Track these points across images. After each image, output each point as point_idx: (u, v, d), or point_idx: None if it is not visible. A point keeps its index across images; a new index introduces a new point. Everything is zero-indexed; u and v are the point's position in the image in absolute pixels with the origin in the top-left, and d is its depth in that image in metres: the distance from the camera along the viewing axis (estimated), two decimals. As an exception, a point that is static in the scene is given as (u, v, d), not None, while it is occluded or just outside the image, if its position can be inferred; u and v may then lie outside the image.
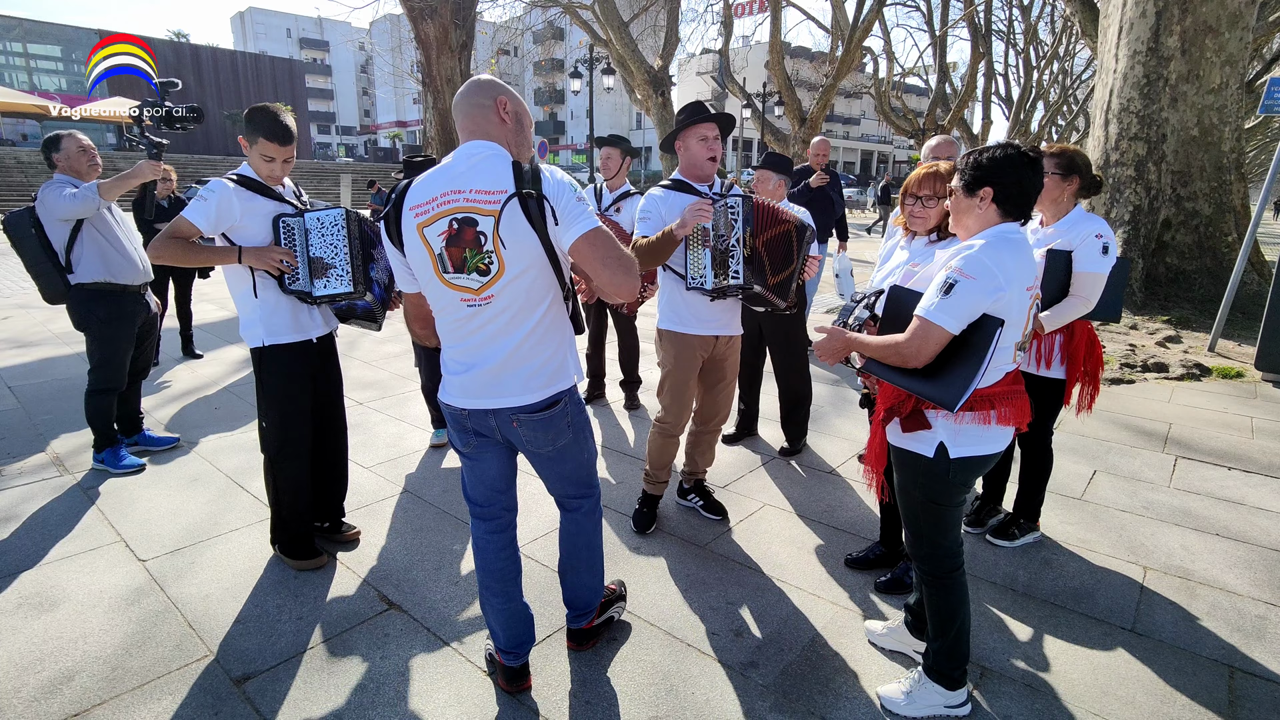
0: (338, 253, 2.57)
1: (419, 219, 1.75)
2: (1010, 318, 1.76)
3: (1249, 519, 3.18)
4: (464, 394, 1.88)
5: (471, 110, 1.81)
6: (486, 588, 2.05)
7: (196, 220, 2.41)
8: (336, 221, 2.57)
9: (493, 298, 1.76)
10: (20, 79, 45.55)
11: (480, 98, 1.81)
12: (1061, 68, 32.20)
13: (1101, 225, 2.60)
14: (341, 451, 2.97)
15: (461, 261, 1.74)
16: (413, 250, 1.79)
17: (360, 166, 38.65)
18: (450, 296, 1.79)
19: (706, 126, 2.73)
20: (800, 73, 39.42)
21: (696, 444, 3.17)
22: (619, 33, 17.00)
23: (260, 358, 2.60)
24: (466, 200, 1.71)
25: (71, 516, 3.14)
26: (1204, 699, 2.06)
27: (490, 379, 1.84)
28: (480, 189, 1.71)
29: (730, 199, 2.60)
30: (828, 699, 2.06)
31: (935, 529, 1.95)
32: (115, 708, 2.00)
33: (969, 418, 1.84)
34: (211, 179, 2.50)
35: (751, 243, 2.61)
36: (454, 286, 1.77)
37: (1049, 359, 2.72)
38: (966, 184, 1.84)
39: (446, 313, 1.84)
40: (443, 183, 1.75)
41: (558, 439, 1.94)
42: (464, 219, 1.71)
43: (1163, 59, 7.30)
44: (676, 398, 2.94)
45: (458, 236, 1.72)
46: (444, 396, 1.94)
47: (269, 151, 2.51)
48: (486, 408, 1.87)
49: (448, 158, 1.80)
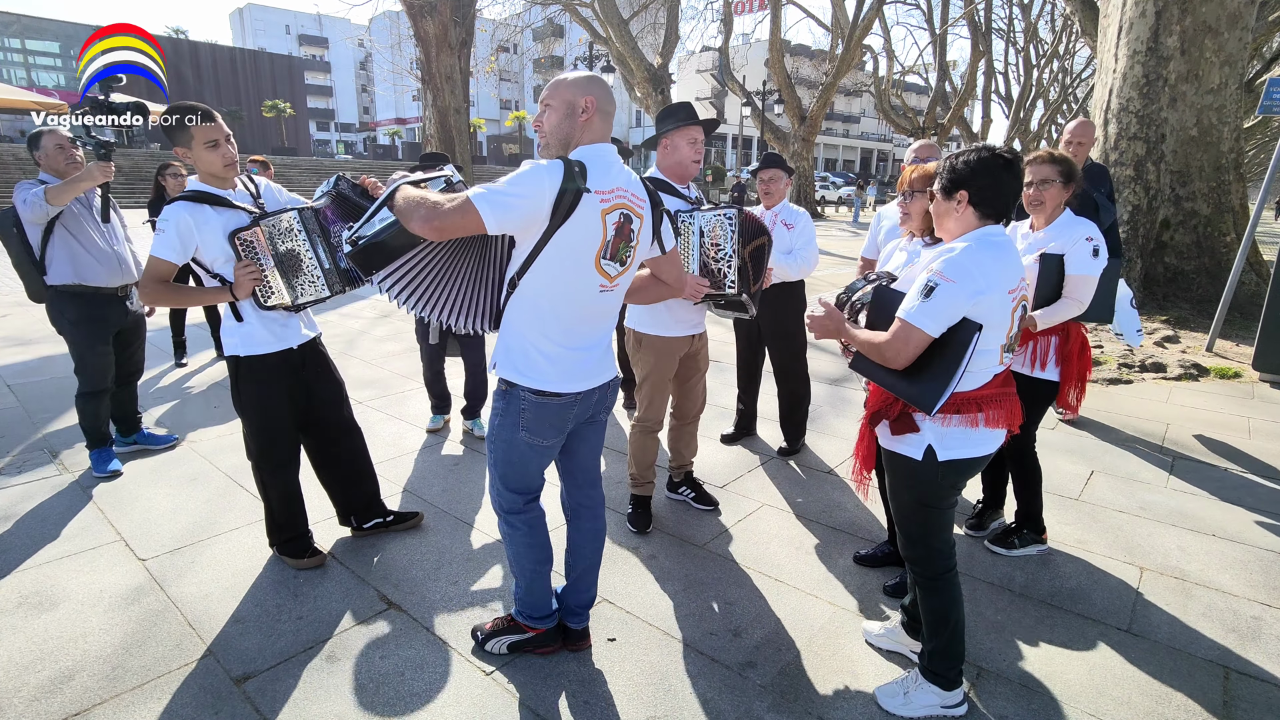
0: (304, 256, 2.47)
1: (604, 204, 1.83)
2: (991, 321, 1.77)
3: (1245, 520, 3.19)
4: (587, 376, 1.97)
5: (606, 117, 1.91)
6: (544, 561, 2.17)
7: (165, 255, 2.34)
8: (292, 226, 2.45)
9: (617, 286, 1.96)
10: (18, 75, 45.45)
11: (611, 105, 1.91)
12: (1062, 66, 32.19)
13: (1092, 228, 2.63)
14: (358, 452, 2.94)
15: (616, 251, 1.90)
16: (583, 230, 1.81)
17: (360, 164, 38.57)
18: (592, 280, 1.88)
19: (697, 129, 2.78)
20: (800, 71, 39.39)
21: (678, 438, 3.27)
22: (619, 30, 16.98)
23: (235, 367, 2.55)
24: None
25: (71, 515, 3.14)
26: (1199, 699, 2.07)
27: (601, 357, 2.01)
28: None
29: (729, 210, 2.64)
30: (825, 699, 2.08)
31: (926, 531, 1.96)
32: (115, 707, 2.01)
33: (956, 420, 1.85)
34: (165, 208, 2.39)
35: (742, 253, 2.66)
36: (601, 271, 1.89)
37: (1044, 360, 2.73)
38: (944, 188, 1.87)
39: (574, 299, 1.89)
40: (613, 176, 1.87)
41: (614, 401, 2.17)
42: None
43: (1162, 59, 7.30)
44: (657, 396, 3.02)
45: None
46: (557, 386, 1.92)
47: (210, 135, 2.38)
48: (599, 384, 2.02)
49: (597, 150, 1.87)
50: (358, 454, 2.94)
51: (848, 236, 18.99)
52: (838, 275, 11.23)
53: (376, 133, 69.91)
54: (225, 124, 2.48)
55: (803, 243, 3.66)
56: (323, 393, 2.77)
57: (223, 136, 2.43)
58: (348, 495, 2.94)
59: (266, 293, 2.46)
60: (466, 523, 3.13)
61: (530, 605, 2.18)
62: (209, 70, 52.02)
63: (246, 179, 2.63)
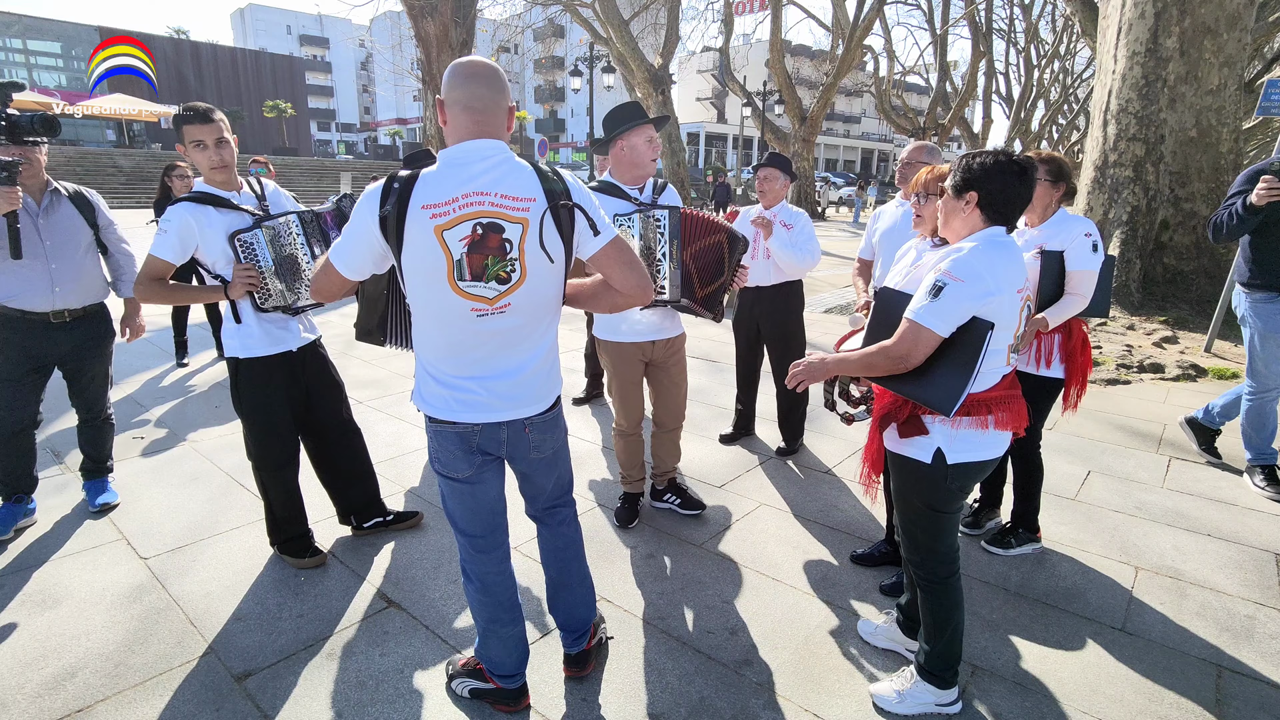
0: (303, 260, 2.50)
1: (436, 220, 1.58)
2: (1001, 320, 1.78)
3: (1240, 520, 3.20)
4: (474, 409, 1.74)
5: (490, 106, 1.66)
6: (496, 620, 1.95)
7: (163, 255, 2.36)
8: (292, 230, 2.48)
9: (508, 307, 1.67)
10: (20, 75, 45.54)
11: (504, 99, 1.68)
12: (1063, 66, 32.17)
13: (1089, 225, 2.66)
14: (360, 451, 2.96)
15: (482, 269, 1.62)
16: (421, 253, 1.60)
17: (361, 164, 38.63)
18: (458, 306, 1.65)
19: (650, 127, 2.77)
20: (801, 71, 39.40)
21: (658, 445, 3.21)
22: (619, 30, 16.99)
23: (235, 369, 2.57)
24: (492, 204, 1.60)
25: (73, 514, 3.16)
26: (1192, 697, 2.09)
27: (507, 390, 1.75)
28: (507, 194, 1.62)
29: (658, 211, 2.61)
30: (821, 697, 2.09)
31: (932, 535, 1.96)
32: (117, 704, 2.03)
33: (966, 423, 1.85)
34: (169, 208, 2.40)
35: (679, 256, 2.63)
36: (466, 295, 1.64)
37: (1049, 358, 2.74)
38: (955, 186, 1.87)
39: (448, 324, 1.68)
40: (460, 183, 1.60)
41: (558, 436, 1.93)
42: (489, 224, 1.60)
43: (1161, 60, 7.31)
44: (623, 401, 3.03)
45: (481, 242, 1.60)
46: (445, 414, 1.76)
47: (196, 135, 2.38)
48: (506, 419, 1.77)
49: (451, 154, 1.65)
50: (357, 454, 2.96)
51: (848, 237, 18.99)
52: (838, 275, 11.24)
53: (377, 133, 70.01)
54: (225, 128, 2.47)
55: (803, 239, 3.67)
56: (323, 395, 2.79)
57: (211, 139, 2.41)
58: (347, 495, 2.96)
59: (264, 295, 2.48)
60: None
61: (487, 660, 2.00)
62: (210, 70, 52.07)
63: (255, 181, 2.64)
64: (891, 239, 3.19)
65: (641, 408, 3.10)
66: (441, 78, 1.84)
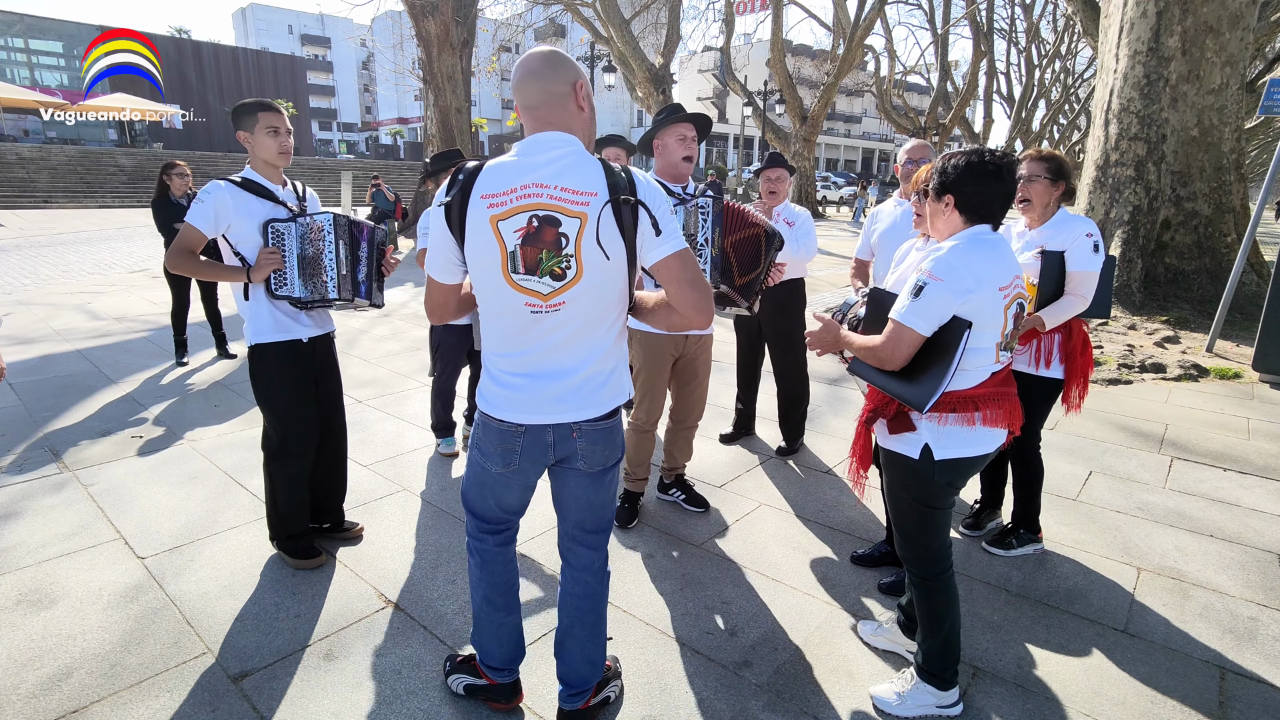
0: (326, 260, 2.58)
1: (493, 210, 1.56)
2: (981, 319, 1.78)
3: (1243, 520, 3.19)
4: (521, 409, 1.69)
5: (548, 98, 1.60)
6: (491, 603, 1.92)
7: (199, 224, 2.45)
8: (325, 228, 2.58)
9: (563, 305, 1.60)
10: (22, 75, 45.55)
11: (558, 84, 1.60)
12: (1064, 66, 32.15)
13: (1090, 225, 2.64)
14: (341, 453, 2.98)
15: (536, 263, 1.57)
16: (479, 243, 1.58)
17: (362, 163, 38.65)
18: (513, 300, 1.61)
19: (685, 126, 2.78)
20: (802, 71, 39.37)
21: (674, 441, 3.25)
22: (620, 30, 16.99)
23: (251, 356, 2.64)
24: (551, 197, 1.55)
25: (70, 513, 3.15)
26: (1194, 700, 2.08)
27: (556, 393, 1.67)
28: (568, 187, 1.56)
29: (701, 200, 2.63)
30: (821, 699, 2.08)
31: (923, 531, 1.96)
32: (113, 704, 2.01)
33: (953, 419, 1.85)
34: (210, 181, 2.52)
35: (720, 243, 2.64)
36: (521, 289, 1.59)
37: (1048, 358, 2.73)
38: (934, 189, 1.89)
39: (504, 317, 1.65)
40: (521, 174, 1.57)
41: (610, 453, 1.79)
42: (546, 217, 1.55)
43: (1163, 59, 7.29)
44: (648, 395, 3.02)
45: (536, 235, 1.56)
46: (492, 410, 1.72)
47: (272, 122, 2.54)
48: (547, 423, 1.70)
49: (520, 145, 1.63)
50: (339, 457, 2.97)
51: (848, 236, 18.98)
52: (838, 275, 11.22)
53: (379, 132, 69.93)
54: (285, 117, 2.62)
55: (803, 235, 3.68)
56: (327, 391, 2.83)
57: (284, 128, 2.57)
58: (316, 494, 2.93)
59: (280, 282, 2.55)
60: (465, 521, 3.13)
61: (479, 647, 1.98)
62: (211, 70, 52.04)
63: (300, 185, 2.76)
64: (891, 238, 3.18)
65: (663, 404, 3.10)
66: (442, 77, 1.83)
